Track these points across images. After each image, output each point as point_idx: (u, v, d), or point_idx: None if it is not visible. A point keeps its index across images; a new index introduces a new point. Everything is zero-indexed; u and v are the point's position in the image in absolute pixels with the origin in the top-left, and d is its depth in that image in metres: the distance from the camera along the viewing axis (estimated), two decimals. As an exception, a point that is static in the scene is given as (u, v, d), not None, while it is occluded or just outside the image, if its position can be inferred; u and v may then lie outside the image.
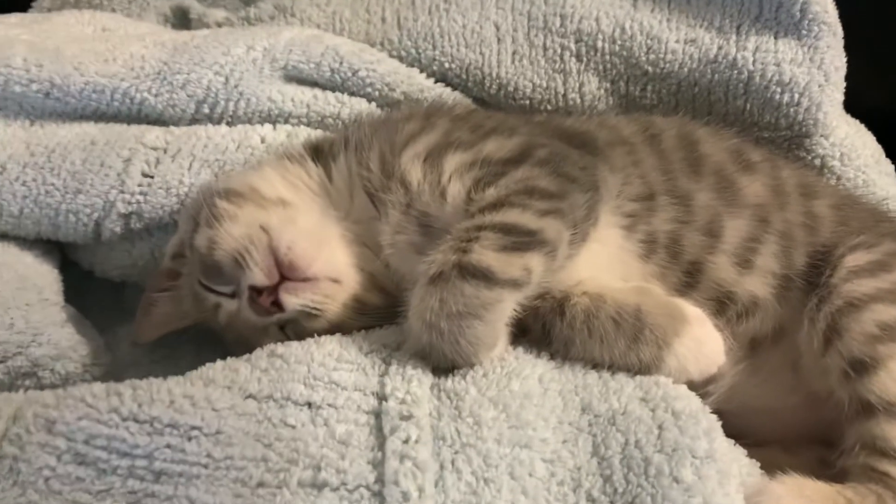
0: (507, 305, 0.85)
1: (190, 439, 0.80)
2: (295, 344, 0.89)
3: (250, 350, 1.01)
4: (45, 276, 1.13)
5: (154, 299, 1.10)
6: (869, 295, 0.93)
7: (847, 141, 1.24)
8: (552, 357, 0.90)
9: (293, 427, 0.81)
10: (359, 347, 0.90)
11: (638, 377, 0.87)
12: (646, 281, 0.97)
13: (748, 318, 0.99)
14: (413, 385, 0.84)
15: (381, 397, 0.83)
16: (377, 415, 0.82)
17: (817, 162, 1.24)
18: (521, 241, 0.85)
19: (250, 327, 0.98)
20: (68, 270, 1.22)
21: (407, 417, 0.81)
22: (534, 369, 0.87)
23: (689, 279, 0.98)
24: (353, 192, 1.02)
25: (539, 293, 0.90)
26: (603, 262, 0.96)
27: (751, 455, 0.90)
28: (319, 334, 0.95)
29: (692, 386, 0.89)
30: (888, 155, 1.33)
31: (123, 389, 0.83)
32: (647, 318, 0.88)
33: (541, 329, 0.92)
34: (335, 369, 0.86)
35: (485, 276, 0.82)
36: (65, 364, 1.05)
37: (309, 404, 0.83)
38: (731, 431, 0.86)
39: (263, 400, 0.83)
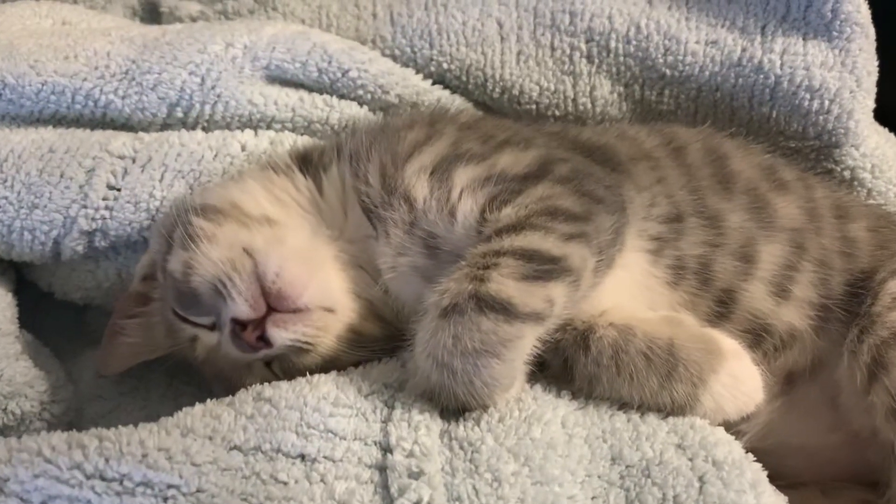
0: (528, 342, 0.78)
1: (166, 500, 0.71)
2: (285, 385, 0.82)
3: (231, 387, 0.93)
4: (-3, 304, 1.03)
5: (121, 326, 1.00)
6: None
7: (878, 151, 1.17)
8: (574, 396, 0.84)
9: (285, 484, 0.73)
10: (357, 389, 0.82)
11: (671, 419, 0.81)
12: (674, 310, 0.91)
13: (785, 352, 0.93)
14: (421, 433, 0.77)
15: (386, 448, 0.76)
16: (382, 469, 0.75)
17: (847, 174, 1.16)
18: (544, 269, 0.78)
19: (232, 363, 0.89)
20: (24, 290, 1.13)
21: (416, 475, 0.74)
22: (555, 412, 0.80)
23: (722, 308, 0.92)
24: (347, 207, 0.94)
25: (559, 325, 0.82)
26: (627, 290, 0.89)
27: (789, 497, 0.82)
28: (310, 371, 0.87)
29: (726, 424, 0.84)
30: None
31: (88, 441, 0.73)
32: (681, 353, 0.82)
33: (561, 364, 0.85)
34: (331, 415, 0.78)
35: (504, 309, 0.75)
36: (20, 402, 0.96)
37: (303, 457, 0.75)
38: (769, 473, 0.80)
39: (250, 452, 0.75)
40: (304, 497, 0.72)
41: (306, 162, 0.99)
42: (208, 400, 0.82)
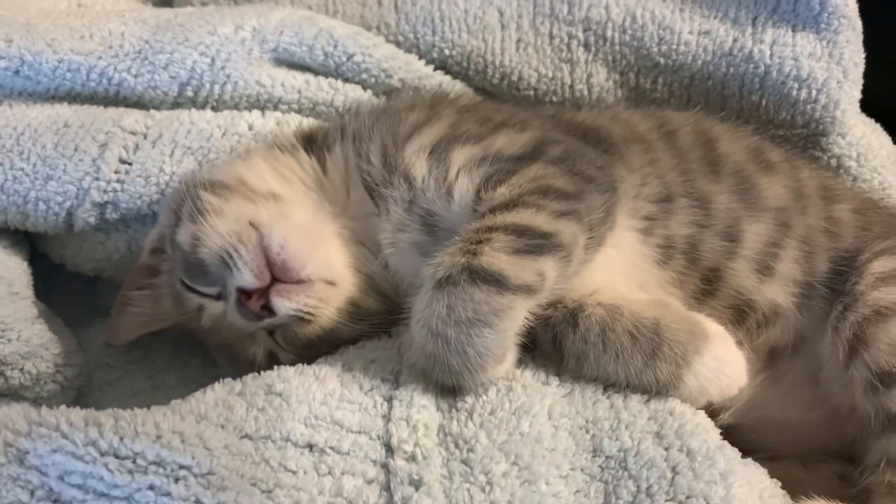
0: (519, 313, 0.80)
1: (177, 480, 0.72)
2: (295, 381, 0.83)
3: (235, 356, 0.96)
4: (13, 269, 1.06)
5: (130, 298, 1.03)
6: None
7: (864, 141, 1.20)
8: (561, 381, 0.85)
9: (294, 472, 0.75)
10: (359, 385, 0.84)
11: (652, 405, 0.82)
12: (662, 288, 0.93)
13: (768, 328, 0.96)
14: (420, 434, 0.79)
15: (388, 446, 0.78)
16: (385, 468, 0.77)
17: (833, 162, 1.19)
18: (535, 243, 0.80)
19: (236, 332, 0.92)
20: (37, 263, 1.15)
21: (418, 483, 0.75)
22: (543, 402, 0.82)
23: (708, 286, 0.94)
24: (349, 185, 0.97)
25: (551, 301, 0.85)
26: (618, 268, 0.91)
27: (769, 469, 0.85)
28: (311, 341, 0.91)
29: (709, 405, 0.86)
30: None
31: (104, 419, 0.75)
32: (667, 334, 0.83)
33: (551, 341, 0.87)
34: (338, 408, 0.80)
35: (496, 281, 0.77)
36: (36, 363, 0.98)
37: (311, 447, 0.77)
38: (747, 445, 0.83)
39: (260, 440, 0.77)
40: (314, 489, 0.74)
41: (311, 142, 1.02)
42: (217, 386, 0.83)
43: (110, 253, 1.12)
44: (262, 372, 0.85)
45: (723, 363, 0.84)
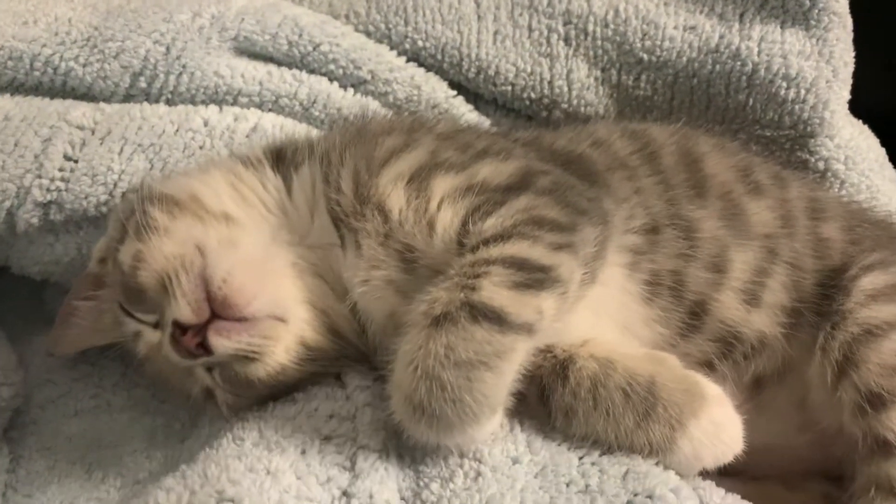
0: (520, 356, 0.73)
1: None
2: (246, 482, 0.75)
3: (171, 390, 0.89)
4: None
5: (75, 308, 0.95)
6: (889, 322, 0.86)
7: (852, 143, 1.16)
8: (532, 455, 0.78)
9: None
10: (315, 477, 0.76)
11: (630, 484, 0.75)
12: (647, 326, 0.88)
13: (755, 358, 0.92)
14: None
15: None
16: None
17: (821, 165, 1.15)
18: (536, 277, 0.74)
19: (172, 365, 0.84)
20: None
21: None
22: (514, 488, 0.75)
23: (694, 321, 0.89)
24: (314, 212, 0.88)
25: (540, 351, 0.80)
26: (604, 308, 0.86)
27: (747, 490, 0.82)
28: (252, 382, 0.83)
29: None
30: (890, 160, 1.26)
31: None
32: (662, 393, 0.78)
33: (538, 394, 0.81)
34: None
35: (498, 318, 0.71)
36: None
37: None
38: (729, 468, 0.80)
39: None
40: None
41: (279, 158, 0.94)
42: (161, 496, 0.76)
43: (59, 256, 1.05)
44: (207, 470, 0.77)
45: (719, 427, 0.79)
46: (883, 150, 1.24)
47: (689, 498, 0.74)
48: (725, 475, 0.81)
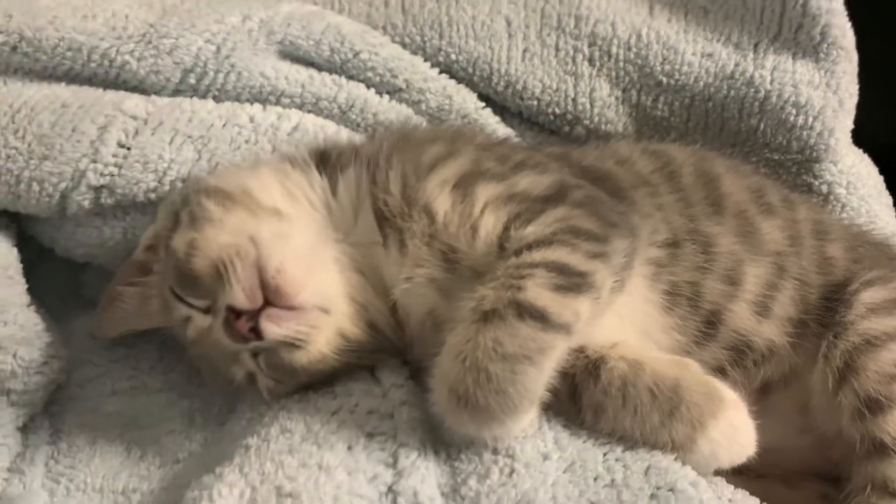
0: (559, 353, 0.78)
1: None
2: (301, 477, 0.79)
3: (217, 373, 0.93)
4: (6, 254, 1.04)
5: (119, 293, 0.99)
6: (887, 333, 0.92)
7: (854, 170, 1.23)
8: (561, 452, 0.82)
9: None
10: (363, 473, 0.80)
11: (653, 479, 0.79)
12: (666, 334, 0.94)
13: (764, 365, 0.97)
14: None
15: None
16: None
17: (824, 188, 1.22)
18: (574, 282, 0.79)
19: (221, 349, 0.89)
20: (20, 249, 1.11)
21: None
22: (546, 483, 0.79)
23: (709, 329, 0.94)
24: (358, 211, 0.93)
25: (574, 350, 0.84)
26: (628, 315, 0.91)
27: (750, 487, 0.86)
28: (294, 369, 0.88)
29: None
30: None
31: None
32: (685, 394, 0.83)
33: (569, 392, 0.85)
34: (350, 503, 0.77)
35: (542, 317, 0.76)
36: (29, 350, 0.97)
37: None
38: (735, 466, 0.84)
39: None
40: None
41: (324, 160, 0.98)
42: (225, 491, 0.79)
43: (105, 239, 1.09)
44: (263, 467, 0.81)
45: (736, 430, 0.84)
46: (881, 178, 1.31)
47: (707, 491, 0.78)
48: (731, 473, 0.85)
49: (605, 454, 0.82)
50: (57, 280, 1.17)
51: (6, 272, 0.99)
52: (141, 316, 0.99)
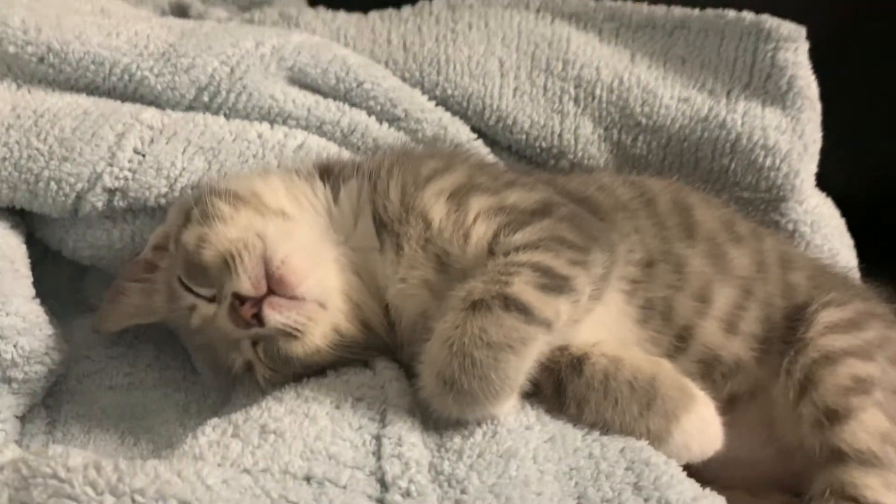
0: (539, 346, 0.85)
1: None
2: (287, 419, 0.84)
3: (216, 360, 0.98)
4: (15, 249, 1.08)
5: (125, 288, 1.05)
6: (843, 349, 0.99)
7: (817, 210, 1.32)
8: (542, 426, 0.87)
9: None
10: (349, 423, 0.85)
11: (628, 454, 0.85)
12: (641, 346, 1.00)
13: (731, 379, 1.03)
14: (413, 471, 0.79)
15: (382, 483, 0.79)
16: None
17: (790, 226, 1.30)
18: (556, 283, 0.86)
19: (222, 336, 0.95)
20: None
21: None
22: (528, 446, 0.84)
23: (681, 343, 1.01)
24: (358, 217, 1.00)
25: (558, 346, 0.91)
26: (605, 325, 0.97)
27: None
28: (290, 360, 0.93)
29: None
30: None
31: (104, 462, 0.74)
32: (661, 388, 0.89)
33: (553, 386, 0.91)
34: (332, 444, 0.82)
35: (525, 311, 0.82)
36: (30, 340, 1.00)
37: (308, 478, 0.78)
38: (700, 477, 0.88)
39: (259, 473, 0.77)
40: None
41: (327, 172, 1.05)
42: (208, 430, 0.83)
43: (113, 241, 1.14)
44: (249, 412, 0.86)
45: (706, 424, 0.90)
46: (843, 221, 1.39)
47: (678, 469, 0.84)
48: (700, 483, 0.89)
49: (584, 435, 0.87)
50: (58, 285, 1.21)
51: (13, 265, 1.03)
52: (144, 310, 1.05)
